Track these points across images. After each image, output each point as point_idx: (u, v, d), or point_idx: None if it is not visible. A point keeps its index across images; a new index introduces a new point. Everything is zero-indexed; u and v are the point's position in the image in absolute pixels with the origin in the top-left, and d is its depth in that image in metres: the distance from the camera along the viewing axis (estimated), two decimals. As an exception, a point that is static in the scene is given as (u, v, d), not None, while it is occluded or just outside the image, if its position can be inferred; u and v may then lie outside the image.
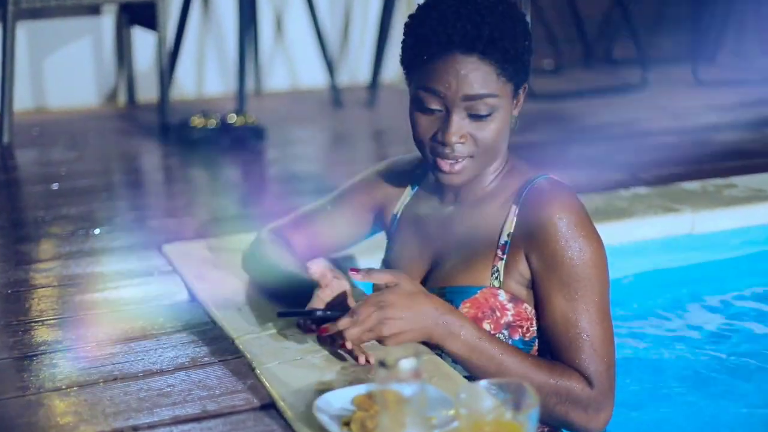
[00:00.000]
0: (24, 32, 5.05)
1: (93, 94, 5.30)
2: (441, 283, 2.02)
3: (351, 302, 1.98)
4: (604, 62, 6.44)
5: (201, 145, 4.38)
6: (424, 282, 2.06)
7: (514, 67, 1.89)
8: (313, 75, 5.71)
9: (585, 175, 3.78)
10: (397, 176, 2.22)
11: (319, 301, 1.95)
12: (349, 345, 1.86)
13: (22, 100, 4.95)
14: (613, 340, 1.91)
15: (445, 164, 1.92)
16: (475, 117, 1.89)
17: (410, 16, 1.96)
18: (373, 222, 2.28)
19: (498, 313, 1.95)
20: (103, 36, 5.28)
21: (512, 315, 1.96)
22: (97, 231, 3.10)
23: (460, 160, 1.91)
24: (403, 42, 1.97)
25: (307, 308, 1.95)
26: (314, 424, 1.69)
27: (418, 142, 1.96)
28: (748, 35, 6.68)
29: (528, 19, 1.91)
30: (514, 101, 1.96)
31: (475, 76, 1.86)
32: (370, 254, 2.67)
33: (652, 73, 5.75)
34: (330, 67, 5.24)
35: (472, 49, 1.85)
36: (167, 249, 2.78)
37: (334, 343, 1.92)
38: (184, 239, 2.95)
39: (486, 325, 1.94)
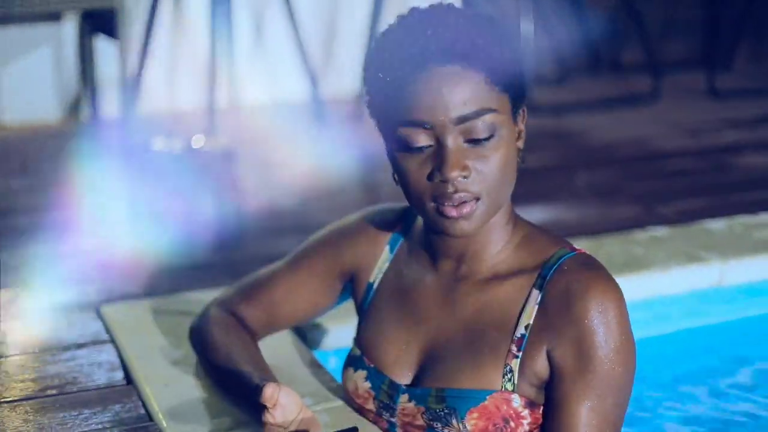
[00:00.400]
0: (-25, 41, 4.96)
1: (53, 108, 5.18)
2: (440, 383, 1.75)
3: (307, 413, 1.75)
4: (612, 69, 6.34)
5: (163, 173, 4.18)
6: (417, 379, 1.80)
7: (505, 73, 1.65)
8: (294, 86, 5.56)
9: (594, 211, 3.70)
10: (372, 234, 1.95)
11: (273, 426, 1.72)
12: None
13: (-28, 115, 4.84)
14: None
15: (450, 209, 1.64)
16: (474, 143, 1.63)
17: (367, 51, 1.73)
18: (341, 290, 2.01)
19: (513, 424, 1.71)
20: (64, 45, 5.17)
21: (528, 424, 1.72)
22: None
23: (466, 200, 1.64)
24: (366, 80, 1.71)
25: None
26: None
27: (413, 194, 1.68)
28: (767, 39, 6.62)
29: (531, 21, 1.59)
30: (516, 127, 1.70)
31: (462, 89, 1.61)
32: (341, 321, 2.41)
33: (663, 82, 5.62)
34: (312, 78, 5.12)
35: (452, 56, 1.61)
36: (106, 311, 2.57)
37: None
38: (129, 297, 2.75)
39: None
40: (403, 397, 1.78)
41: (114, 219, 3.83)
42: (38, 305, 2.69)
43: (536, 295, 1.70)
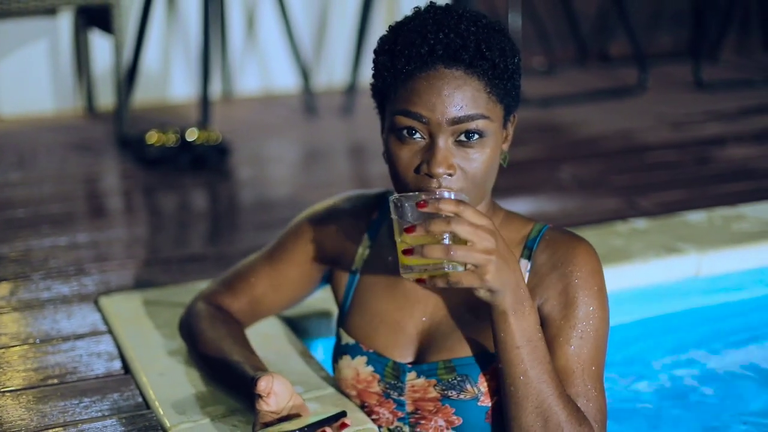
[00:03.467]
0: (-27, 35, 4.96)
1: (49, 101, 5.17)
2: (446, 356, 1.85)
3: (298, 399, 1.81)
4: (599, 61, 6.33)
5: (158, 166, 4.18)
6: (420, 356, 1.88)
7: (504, 85, 1.74)
8: (286, 78, 5.60)
9: (577, 203, 3.72)
10: (349, 222, 2.01)
11: (266, 413, 1.77)
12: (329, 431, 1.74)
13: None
14: (605, 396, 1.85)
15: None
16: (463, 144, 1.72)
17: (382, 37, 1.78)
18: (321, 278, 2.08)
19: None
20: (60, 39, 5.15)
21: None
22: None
23: (446, 192, 1.71)
24: (375, 65, 1.78)
25: (261, 426, 1.78)
26: None
27: (399, 180, 1.75)
28: (753, 31, 6.61)
29: (519, 13, 1.65)
30: (504, 132, 1.79)
31: (462, 93, 1.70)
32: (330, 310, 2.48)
33: (650, 73, 5.63)
34: (304, 71, 5.12)
35: (458, 61, 1.70)
36: (104, 303, 2.61)
37: None
38: (126, 287, 2.80)
39: None
40: (410, 375, 1.85)
41: (110, 211, 3.86)
42: (38, 297, 2.73)
43: (525, 264, 1.82)
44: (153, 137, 4.21)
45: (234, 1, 5.42)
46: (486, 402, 1.81)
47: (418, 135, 1.70)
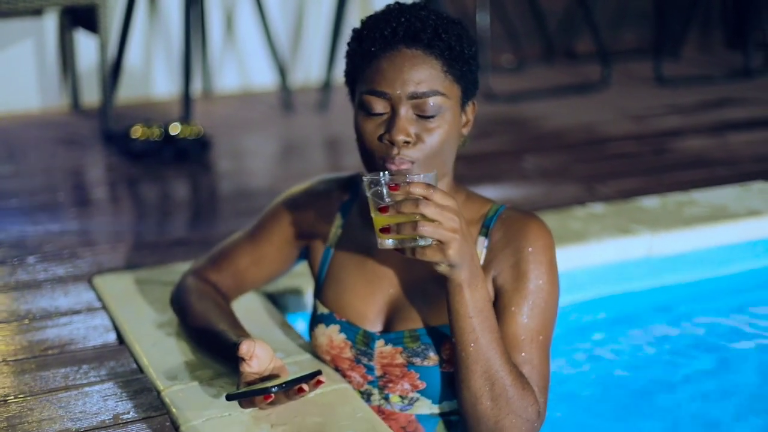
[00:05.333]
0: (-39, 35, 5.01)
1: (35, 98, 5.22)
2: (412, 325, 1.97)
3: (278, 362, 1.92)
4: (566, 58, 6.43)
5: (143, 159, 4.27)
6: (388, 325, 2.00)
7: (460, 67, 1.87)
8: (264, 76, 5.68)
9: (540, 191, 3.81)
10: (323, 204, 2.14)
11: (249, 374, 1.89)
12: (306, 388, 1.83)
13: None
14: (549, 364, 1.95)
15: (392, 166, 1.85)
16: (422, 117, 1.85)
17: (354, 29, 1.94)
18: (298, 255, 2.21)
19: None
20: (46, 38, 5.20)
21: None
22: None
23: (405, 160, 1.85)
24: (347, 52, 1.94)
25: (245, 385, 1.89)
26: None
27: (365, 151, 1.89)
28: (714, 29, 6.71)
29: (486, 13, 1.81)
30: (463, 114, 1.92)
31: (420, 70, 1.83)
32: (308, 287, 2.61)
33: (613, 70, 5.74)
34: (281, 69, 5.19)
35: (417, 41, 1.84)
36: (97, 282, 2.72)
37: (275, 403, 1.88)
38: (117, 269, 2.90)
39: None
40: (379, 343, 1.98)
41: (99, 200, 3.94)
42: (35, 278, 2.84)
43: (483, 241, 1.94)
44: (138, 131, 4.30)
45: (213, 2, 5.48)
46: (448, 368, 1.93)
47: (381, 109, 1.85)
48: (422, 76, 1.83)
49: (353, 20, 5.41)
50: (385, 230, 1.71)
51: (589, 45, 6.12)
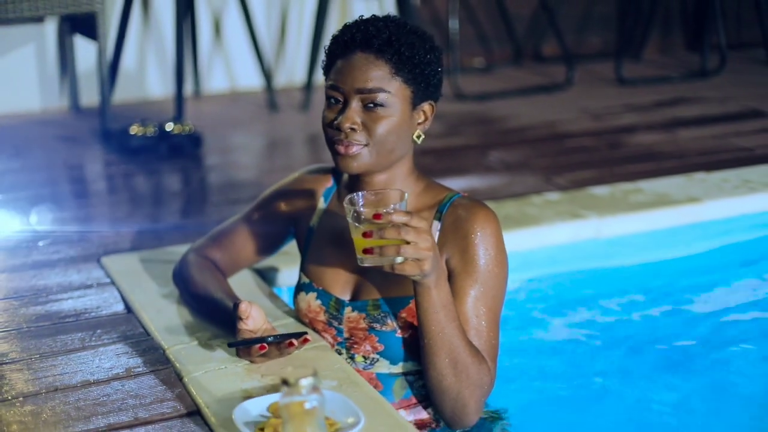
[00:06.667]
0: (-35, 41, 5.02)
1: (36, 100, 5.28)
2: (374, 295, 2.14)
3: (269, 325, 2.13)
4: (533, 60, 6.49)
5: (140, 154, 4.38)
6: (356, 294, 2.17)
7: (411, 71, 2.05)
8: (250, 77, 5.72)
9: (502, 181, 3.93)
10: (308, 189, 2.32)
11: (245, 330, 2.09)
12: (295, 343, 2.02)
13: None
14: (498, 337, 2.08)
15: (341, 147, 2.05)
16: (369, 109, 2.04)
17: (334, 34, 2.13)
18: (287, 234, 2.40)
19: None
20: (46, 43, 5.25)
21: None
22: (40, 243, 3.21)
23: (354, 144, 2.04)
24: (325, 53, 2.15)
25: (241, 337, 2.08)
26: (236, 430, 1.84)
27: (325, 133, 2.10)
28: (675, 32, 6.76)
29: (456, 18, 2.03)
30: (415, 114, 2.09)
31: (369, 71, 2.03)
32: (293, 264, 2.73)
33: (578, 71, 5.83)
34: (265, 71, 5.26)
35: (370, 47, 2.03)
36: (105, 261, 2.89)
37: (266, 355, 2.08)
38: (122, 251, 3.06)
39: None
40: (347, 309, 2.15)
41: (102, 191, 4.10)
42: (49, 258, 3.01)
43: (437, 225, 2.10)
44: (135, 129, 4.43)
45: (203, 10, 5.56)
46: (402, 334, 2.09)
47: (337, 101, 2.06)
48: (371, 75, 2.03)
49: (333, 26, 5.48)
50: (368, 251, 1.87)
51: (555, 48, 6.16)
